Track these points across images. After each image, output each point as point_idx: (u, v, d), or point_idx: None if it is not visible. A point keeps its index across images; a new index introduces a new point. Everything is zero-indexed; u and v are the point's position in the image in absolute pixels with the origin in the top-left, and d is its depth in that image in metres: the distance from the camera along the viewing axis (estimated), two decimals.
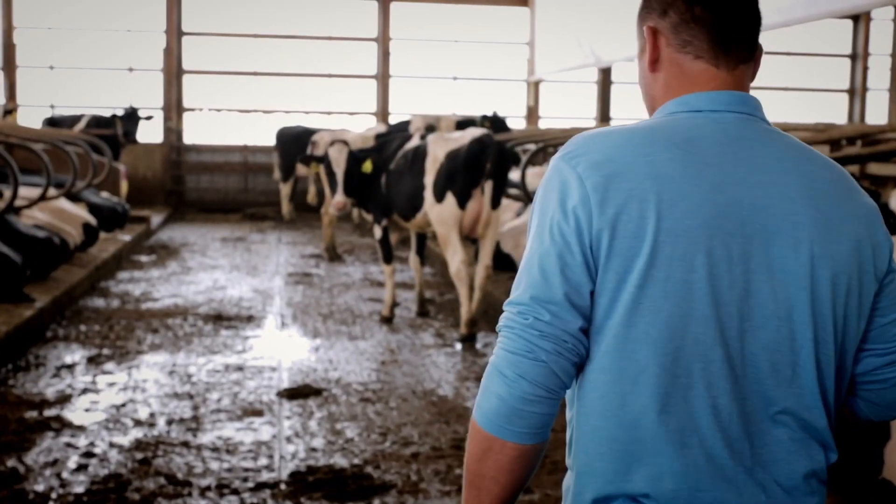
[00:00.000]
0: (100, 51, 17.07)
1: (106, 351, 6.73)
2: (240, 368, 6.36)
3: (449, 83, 18.12)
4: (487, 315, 7.89)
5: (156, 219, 14.36)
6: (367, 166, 7.75)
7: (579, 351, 1.52)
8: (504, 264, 8.77)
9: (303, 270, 10.80)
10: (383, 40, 17.61)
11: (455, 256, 7.30)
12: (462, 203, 7.18)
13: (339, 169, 7.73)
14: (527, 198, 8.46)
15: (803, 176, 1.56)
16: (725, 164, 1.53)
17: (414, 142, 7.66)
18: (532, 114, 18.08)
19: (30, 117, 16.44)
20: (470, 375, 6.37)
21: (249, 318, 8.03)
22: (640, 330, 1.49)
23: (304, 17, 17.45)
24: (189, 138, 17.42)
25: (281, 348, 7.03)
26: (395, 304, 8.22)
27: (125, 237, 11.57)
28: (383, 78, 17.68)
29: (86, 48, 17.04)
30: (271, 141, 16.10)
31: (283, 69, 17.48)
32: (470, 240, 7.65)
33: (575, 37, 14.50)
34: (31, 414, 5.25)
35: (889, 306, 1.63)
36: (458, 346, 7.24)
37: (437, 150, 7.30)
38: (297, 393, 5.83)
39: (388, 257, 8.11)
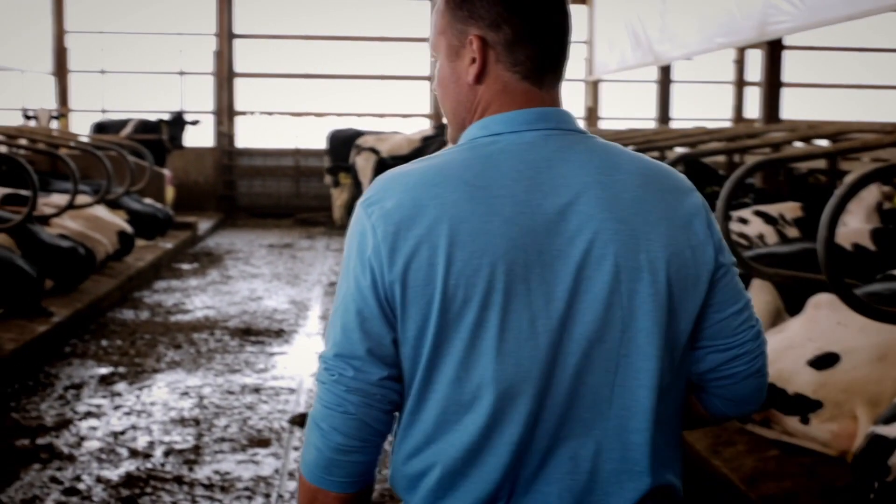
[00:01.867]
0: (151, 55, 16.92)
1: (121, 369, 6.38)
2: (256, 390, 5.95)
3: None
4: None
5: (204, 225, 14.11)
6: None
7: (391, 398, 1.54)
8: None
9: None
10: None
11: None
12: None
13: (366, 178, 7.31)
14: None
15: (606, 187, 1.52)
16: (518, 193, 1.49)
17: None
18: (591, 115, 17.50)
19: (81, 122, 16.35)
20: None
21: (279, 333, 7.64)
22: (445, 374, 1.50)
23: (356, 17, 17.11)
24: (241, 142, 17.19)
25: (305, 367, 6.61)
26: None
27: (167, 245, 11.30)
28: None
29: (137, 52, 16.91)
30: (323, 144, 15.82)
31: (335, 71, 17.15)
32: None
33: (634, 34, 13.93)
34: (23, 441, 4.89)
35: (724, 301, 1.61)
36: None
37: None
38: None
39: None
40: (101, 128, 14.53)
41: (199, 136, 16.53)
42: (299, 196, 17.00)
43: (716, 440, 4.33)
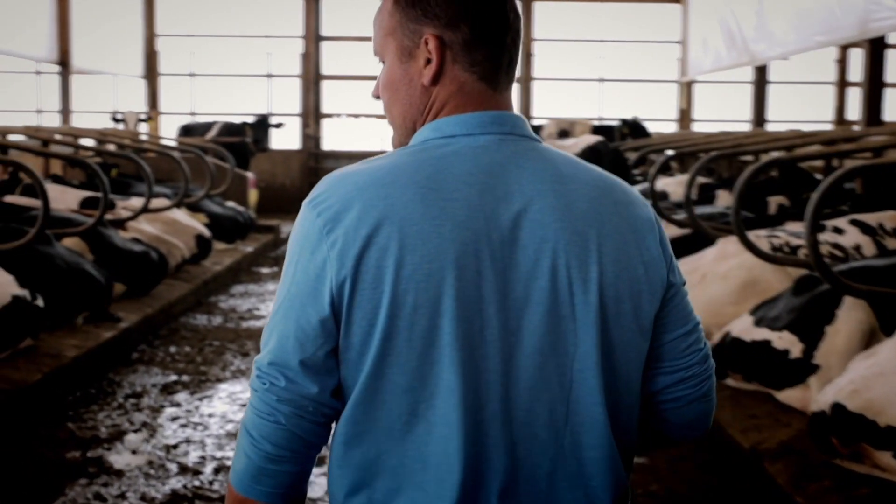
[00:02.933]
0: (239, 57, 16.98)
1: (185, 378, 6.25)
2: None
3: (594, 86, 17.23)
4: None
5: (288, 227, 14.04)
6: None
7: (323, 412, 1.47)
8: None
9: None
10: (525, 42, 16.87)
11: None
12: None
13: None
14: (653, 209, 7.65)
15: (560, 197, 1.47)
16: (472, 197, 1.44)
17: None
18: (684, 117, 17.00)
19: (171, 125, 16.49)
20: None
21: None
22: (390, 381, 1.43)
23: None
24: (326, 144, 17.13)
25: None
26: None
27: (247, 248, 11.24)
28: (525, 81, 16.96)
29: (225, 55, 16.99)
30: None
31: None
32: None
33: (729, 33, 13.43)
34: (74, 454, 4.76)
35: (674, 321, 1.57)
36: None
37: None
38: None
39: None
40: (187, 130, 14.61)
41: (286, 138, 16.53)
42: None
43: (799, 473, 3.96)
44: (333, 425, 1.52)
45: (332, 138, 17.20)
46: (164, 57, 16.91)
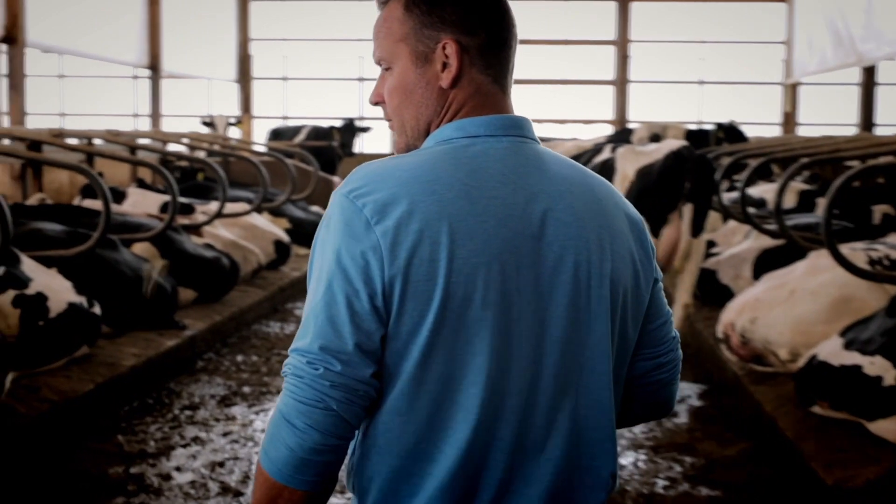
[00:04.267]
0: (331, 61, 16.94)
1: (246, 388, 6.07)
2: None
3: (694, 88, 16.66)
4: (690, 361, 6.65)
5: None
6: None
7: (371, 395, 1.51)
8: (721, 298, 7.45)
9: None
10: (622, 43, 16.41)
11: None
12: (655, 229, 5.99)
13: None
14: (744, 217, 7.19)
15: (577, 197, 1.58)
16: (507, 196, 1.53)
17: (603, 155, 6.54)
18: (788, 120, 16.31)
19: (263, 129, 16.53)
20: (648, 443, 5.20)
21: None
22: (437, 372, 1.49)
23: (537, 20, 16.55)
24: None
25: None
26: None
27: None
28: (621, 83, 16.50)
29: (318, 58, 16.97)
30: None
31: (515, 76, 16.64)
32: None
33: (835, 32, 12.78)
34: (117, 469, 4.60)
35: (656, 312, 1.70)
36: None
37: (626, 166, 6.15)
38: None
39: None
40: (276, 134, 14.58)
41: (377, 142, 16.41)
42: None
43: None
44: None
45: None
46: (258, 61, 16.95)
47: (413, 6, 1.59)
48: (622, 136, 11.51)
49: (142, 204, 9.21)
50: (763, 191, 9.64)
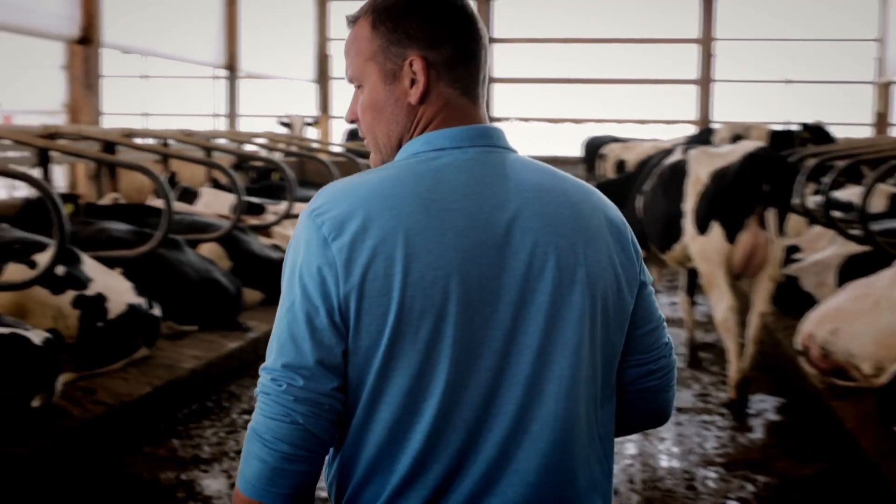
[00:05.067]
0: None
1: None
2: None
3: (780, 87, 16.17)
4: (768, 372, 6.35)
5: None
6: None
7: (337, 408, 1.53)
8: (803, 306, 7.12)
9: None
10: (706, 41, 16.01)
11: (721, 301, 5.85)
12: (731, 235, 5.73)
13: None
14: (827, 222, 6.86)
15: (545, 204, 1.58)
16: (468, 207, 1.54)
17: (674, 157, 6.28)
18: (881, 121, 15.71)
19: (341, 129, 16.53)
20: (719, 459, 4.94)
21: None
22: (397, 385, 1.51)
23: (617, 18, 16.25)
24: None
25: None
26: None
27: None
28: (705, 83, 16.08)
29: None
30: (580, 152, 15.13)
31: (594, 75, 16.37)
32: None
33: None
34: (168, 475, 4.52)
35: (644, 318, 1.68)
36: (722, 413, 5.78)
37: (700, 169, 5.89)
38: None
39: None
40: (352, 134, 14.53)
41: None
42: None
43: None
44: None
45: None
46: (337, 61, 16.97)
47: (379, 24, 1.60)
48: (704, 136, 11.18)
49: (214, 204, 9.22)
50: (851, 194, 9.24)
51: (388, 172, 1.56)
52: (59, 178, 11.58)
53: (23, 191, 10.39)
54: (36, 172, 8.06)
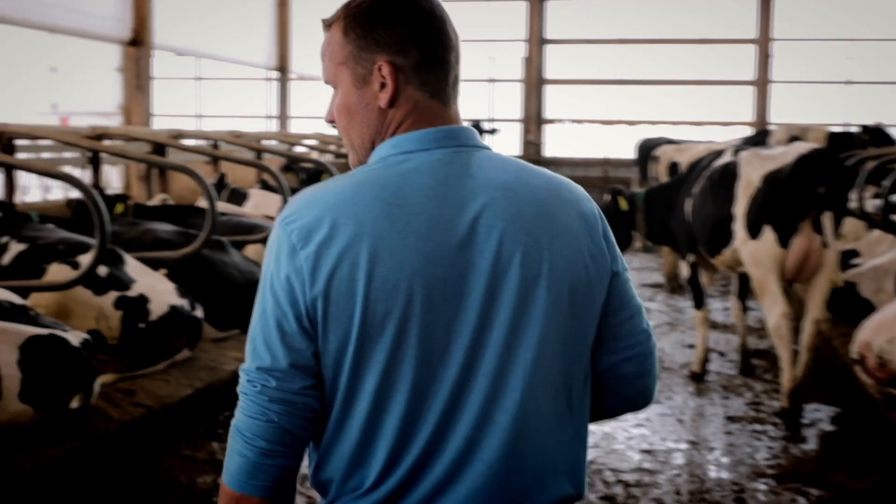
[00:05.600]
0: (463, 62, 16.77)
1: None
2: None
3: (840, 89, 15.83)
4: (823, 381, 6.16)
5: None
6: (623, 204, 6.87)
7: (312, 406, 1.60)
8: (861, 313, 6.91)
9: None
10: (763, 41, 15.71)
11: (774, 308, 5.68)
12: (784, 240, 5.56)
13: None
14: (886, 226, 6.65)
15: (511, 201, 1.62)
16: (431, 209, 1.59)
17: (723, 159, 6.12)
18: None
19: None
20: (770, 471, 4.79)
21: None
22: (368, 384, 1.58)
23: (672, 19, 16.02)
24: (549, 151, 16.64)
25: None
26: (706, 360, 6.69)
27: None
28: (762, 84, 15.79)
29: None
30: (633, 154, 14.94)
31: (649, 76, 16.15)
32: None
33: None
34: (205, 479, 4.48)
35: (618, 306, 1.72)
36: (775, 423, 5.61)
37: (751, 172, 5.72)
38: None
39: (699, 301, 6.62)
40: None
41: (506, 145, 16.19)
42: (604, 207, 16.17)
43: None
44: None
45: (555, 145, 16.68)
46: None
47: (350, 30, 1.65)
48: (759, 138, 10.96)
49: (263, 206, 9.21)
50: None
51: (354, 179, 1.62)
52: (115, 179, 11.72)
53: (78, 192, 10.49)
54: (86, 173, 8.13)
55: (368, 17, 1.64)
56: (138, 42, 9.59)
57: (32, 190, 12.79)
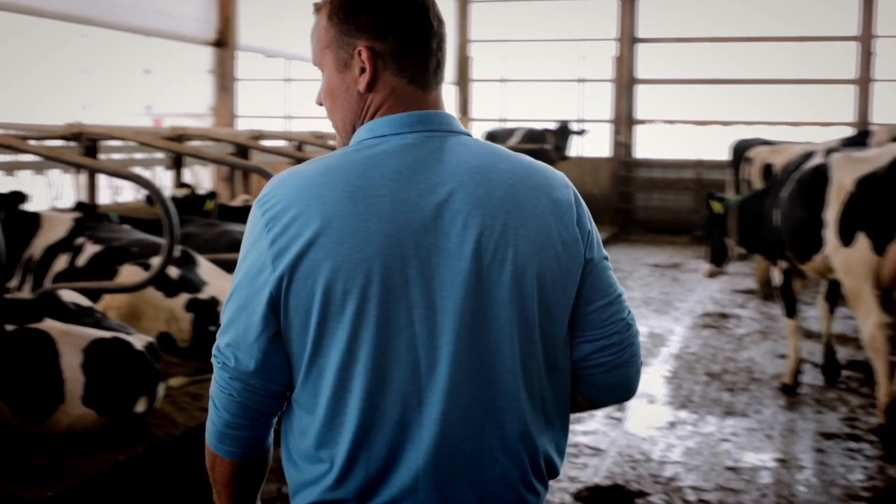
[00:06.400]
0: (551, 62, 16.57)
1: None
2: None
3: None
4: None
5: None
6: (717, 206, 6.61)
7: (270, 387, 1.64)
8: None
9: (722, 310, 9.20)
10: (865, 39, 15.14)
11: (869, 318, 5.37)
12: (880, 247, 5.25)
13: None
14: None
15: (480, 185, 1.63)
16: (396, 192, 1.60)
17: (813, 161, 5.82)
18: None
19: (480, 131, 16.39)
20: (864, 493, 4.50)
21: None
22: (329, 364, 1.60)
23: (769, 15, 15.55)
24: (640, 152, 16.30)
25: (624, 421, 5.61)
26: (798, 371, 6.37)
27: None
28: (863, 83, 15.21)
29: (537, 60, 16.65)
30: (728, 155, 14.53)
31: (744, 75, 15.70)
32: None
33: None
34: (270, 488, 4.38)
35: (593, 294, 1.71)
36: (871, 441, 5.30)
37: (844, 176, 5.42)
38: (602, 497, 4.41)
39: (791, 309, 6.32)
40: (490, 137, 14.36)
41: (596, 145, 15.92)
42: (699, 211, 15.75)
43: None
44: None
45: (645, 145, 16.34)
46: (477, 63, 16.83)
47: (333, 15, 1.68)
48: (860, 139, 10.50)
49: None
50: None
51: (325, 162, 1.65)
52: (206, 179, 11.83)
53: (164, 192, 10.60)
54: (169, 174, 8.18)
55: (351, 3, 1.66)
56: (222, 43, 9.63)
57: (125, 190, 13.01)
